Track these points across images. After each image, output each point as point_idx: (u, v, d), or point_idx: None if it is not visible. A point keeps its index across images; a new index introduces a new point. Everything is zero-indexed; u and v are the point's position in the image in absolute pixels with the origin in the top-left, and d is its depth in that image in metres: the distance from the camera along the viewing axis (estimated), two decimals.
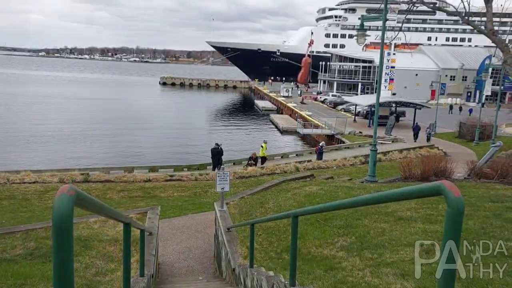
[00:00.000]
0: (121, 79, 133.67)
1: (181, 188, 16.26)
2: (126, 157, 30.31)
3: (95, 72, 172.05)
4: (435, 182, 1.63)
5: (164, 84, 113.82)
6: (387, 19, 13.73)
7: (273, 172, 19.04)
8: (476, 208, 7.53)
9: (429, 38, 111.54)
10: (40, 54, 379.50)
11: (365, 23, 14.07)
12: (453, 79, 73.19)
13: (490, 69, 41.73)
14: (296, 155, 26.13)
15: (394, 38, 14.19)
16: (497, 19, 12.60)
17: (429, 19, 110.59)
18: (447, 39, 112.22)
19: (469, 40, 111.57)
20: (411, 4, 14.48)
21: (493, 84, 51.89)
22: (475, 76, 69.12)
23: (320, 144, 24.05)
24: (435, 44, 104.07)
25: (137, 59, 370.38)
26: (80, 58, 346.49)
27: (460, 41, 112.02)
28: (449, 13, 13.26)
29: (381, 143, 30.86)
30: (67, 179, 17.04)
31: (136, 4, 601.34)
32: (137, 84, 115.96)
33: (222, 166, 20.54)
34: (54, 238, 1.28)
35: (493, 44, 13.69)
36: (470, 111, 37.73)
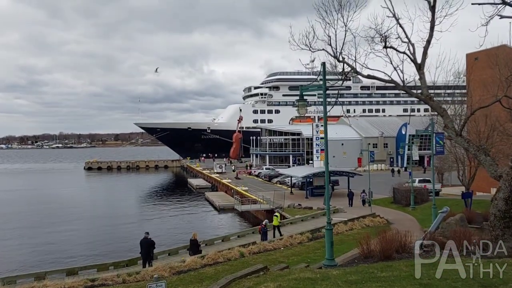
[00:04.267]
0: (40, 167, 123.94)
1: None
2: (38, 259, 25.84)
3: (10, 162, 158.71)
4: None
5: (89, 169, 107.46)
6: (314, 95, 13.45)
7: (216, 261, 16.75)
8: None
9: (348, 111, 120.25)
10: None
11: (288, 99, 13.61)
12: (376, 147, 77.68)
13: (407, 137, 44.24)
14: (238, 236, 24.00)
15: (330, 110, 13.68)
16: (432, 91, 12.66)
17: (346, 94, 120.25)
18: (364, 111, 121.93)
19: (383, 110, 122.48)
20: (343, 77, 14.33)
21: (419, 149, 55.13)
22: (397, 143, 74.30)
23: (263, 222, 22.34)
24: (354, 116, 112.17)
25: (60, 145, 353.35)
26: None
27: (375, 112, 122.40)
28: (382, 80, 13.19)
29: (323, 215, 30.04)
30: None
31: (58, 91, 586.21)
32: (58, 172, 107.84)
33: (152, 261, 17.85)
34: None
35: (405, 113, 13.81)
36: (410, 173, 39.90)
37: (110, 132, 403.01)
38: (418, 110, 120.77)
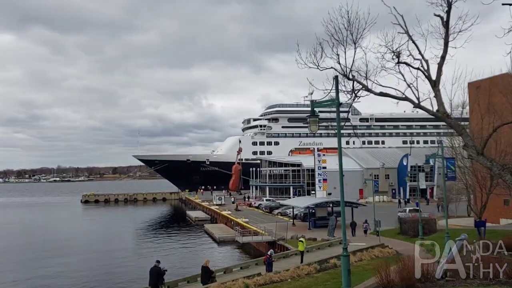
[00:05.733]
0: (35, 201, 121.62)
1: None
2: None
3: (4, 195, 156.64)
4: None
5: (86, 202, 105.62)
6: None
7: None
8: None
9: (347, 142, 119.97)
10: None
11: (288, 131, 13.06)
12: (377, 178, 76.63)
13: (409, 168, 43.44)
14: (241, 268, 22.76)
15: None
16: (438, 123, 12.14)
17: (345, 126, 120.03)
18: (363, 142, 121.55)
19: (383, 142, 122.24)
20: (353, 96, 13.79)
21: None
22: (399, 174, 73.34)
23: (269, 253, 21.21)
24: (353, 147, 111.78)
25: (57, 178, 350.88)
26: None
27: (374, 143, 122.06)
28: (396, 98, 12.63)
29: (329, 246, 28.92)
30: None
31: (58, 125, 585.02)
32: (54, 205, 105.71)
33: None
34: None
35: (405, 145, 13.17)
36: (417, 204, 39.45)
37: (109, 165, 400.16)
38: (418, 142, 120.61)
